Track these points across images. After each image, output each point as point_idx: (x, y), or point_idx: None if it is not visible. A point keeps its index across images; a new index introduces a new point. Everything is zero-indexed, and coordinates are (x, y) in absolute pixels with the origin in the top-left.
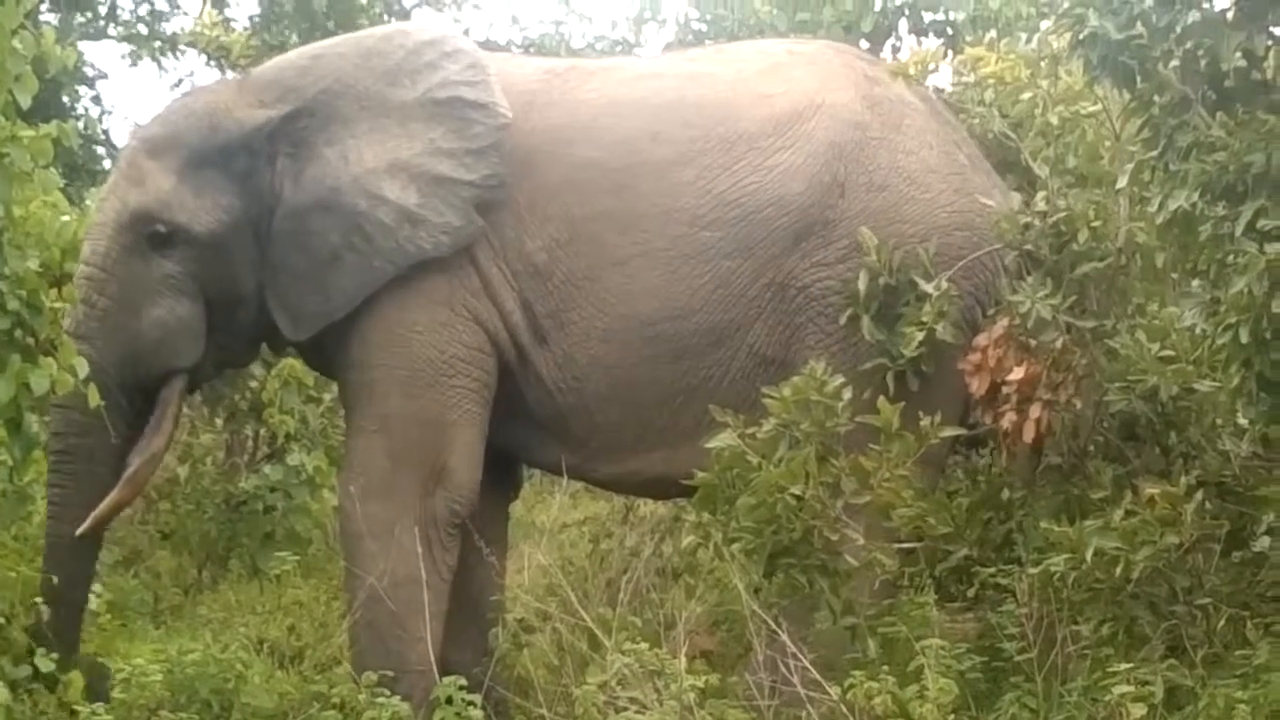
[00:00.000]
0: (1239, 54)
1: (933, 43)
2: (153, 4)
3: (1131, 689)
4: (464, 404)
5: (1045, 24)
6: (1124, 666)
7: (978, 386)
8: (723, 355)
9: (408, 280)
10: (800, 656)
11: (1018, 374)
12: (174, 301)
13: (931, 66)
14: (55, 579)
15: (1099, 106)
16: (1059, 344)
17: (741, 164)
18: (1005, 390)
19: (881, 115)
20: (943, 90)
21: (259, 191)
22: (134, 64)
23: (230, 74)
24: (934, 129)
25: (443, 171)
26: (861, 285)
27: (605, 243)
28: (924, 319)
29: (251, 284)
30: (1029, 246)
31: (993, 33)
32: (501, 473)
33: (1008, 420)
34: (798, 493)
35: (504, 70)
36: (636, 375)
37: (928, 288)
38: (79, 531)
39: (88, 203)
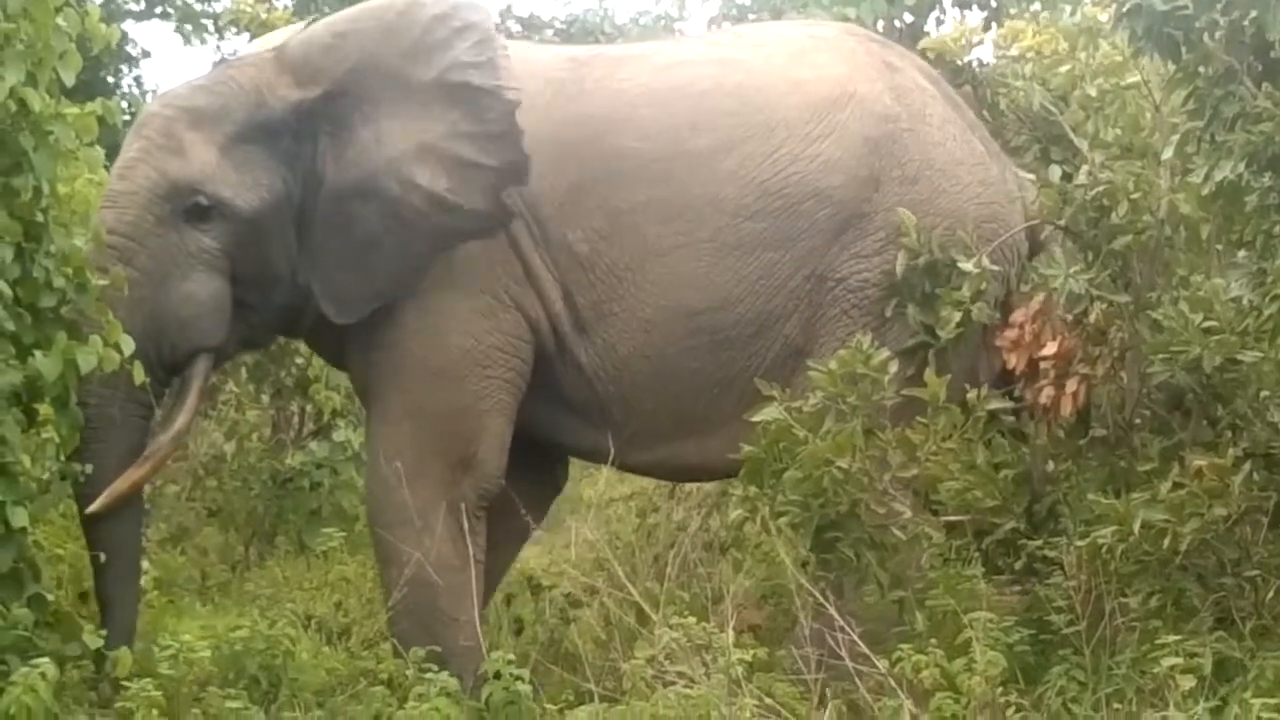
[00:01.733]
0: None
1: (975, 16)
2: None
3: (1180, 661)
4: (497, 394)
5: None
6: (1172, 639)
7: (1015, 362)
8: (761, 346)
9: (450, 266)
10: (849, 629)
11: (1051, 349)
12: (207, 277)
13: (975, 39)
14: (98, 555)
15: (1139, 78)
16: (1092, 318)
17: (782, 151)
18: (1043, 365)
19: (908, 106)
20: (985, 64)
21: (300, 172)
22: (186, 43)
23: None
24: (952, 117)
25: (466, 155)
26: (899, 267)
27: (647, 233)
28: (962, 299)
29: (285, 266)
30: (1062, 222)
31: (1035, 5)
32: (543, 469)
33: (1045, 395)
34: (844, 466)
35: (526, 57)
36: (677, 365)
37: (968, 265)
38: (91, 509)
39: None
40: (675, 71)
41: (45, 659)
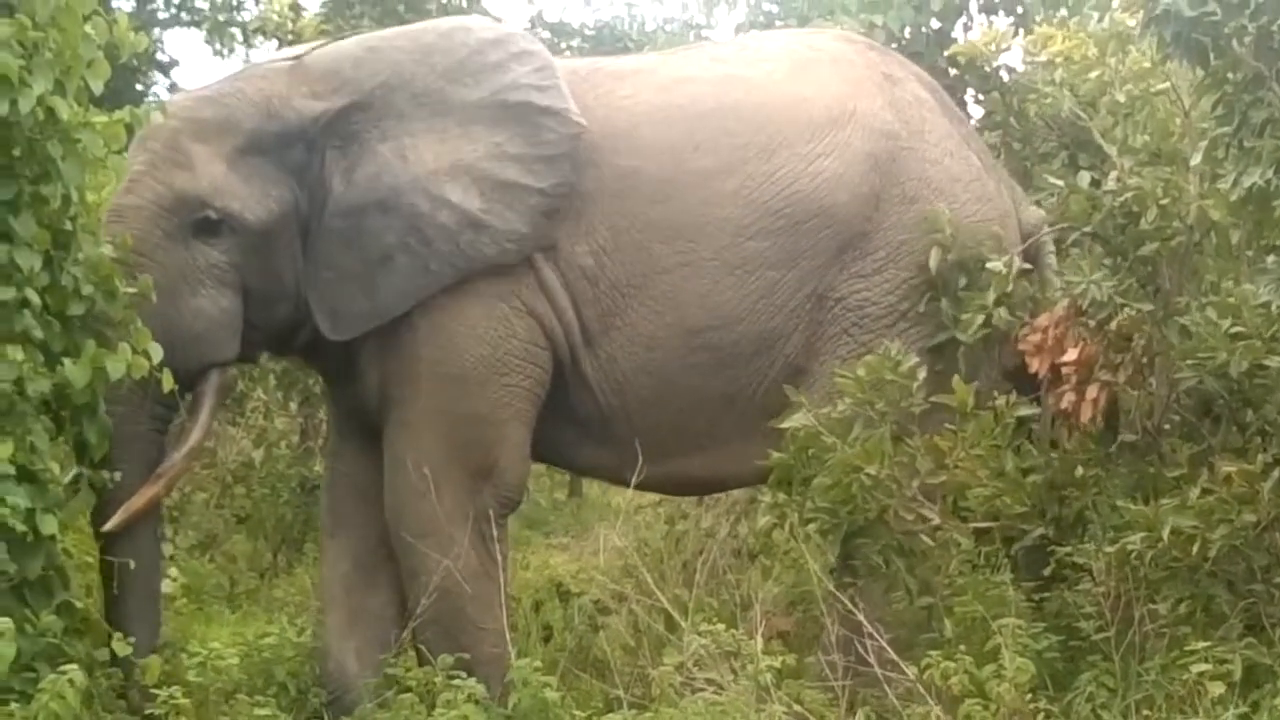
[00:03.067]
0: None
1: (1003, 21)
2: None
3: (1209, 667)
4: (516, 402)
5: (1116, 2)
6: (1202, 645)
7: (1038, 367)
8: (763, 364)
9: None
10: (877, 636)
11: (1072, 355)
12: (217, 292)
13: (1003, 46)
14: (123, 565)
15: (1168, 84)
16: (1113, 325)
17: (783, 171)
18: (1065, 371)
19: (907, 122)
20: (1013, 70)
21: (309, 184)
22: (216, 53)
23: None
24: (950, 131)
25: (509, 177)
26: (933, 261)
27: (651, 251)
28: (985, 302)
29: (291, 279)
30: (1088, 229)
31: (1063, 11)
32: None
33: (1067, 400)
34: (873, 473)
35: None
36: (679, 382)
37: (997, 264)
38: (107, 527)
39: None
40: (678, 90)
41: (73, 666)
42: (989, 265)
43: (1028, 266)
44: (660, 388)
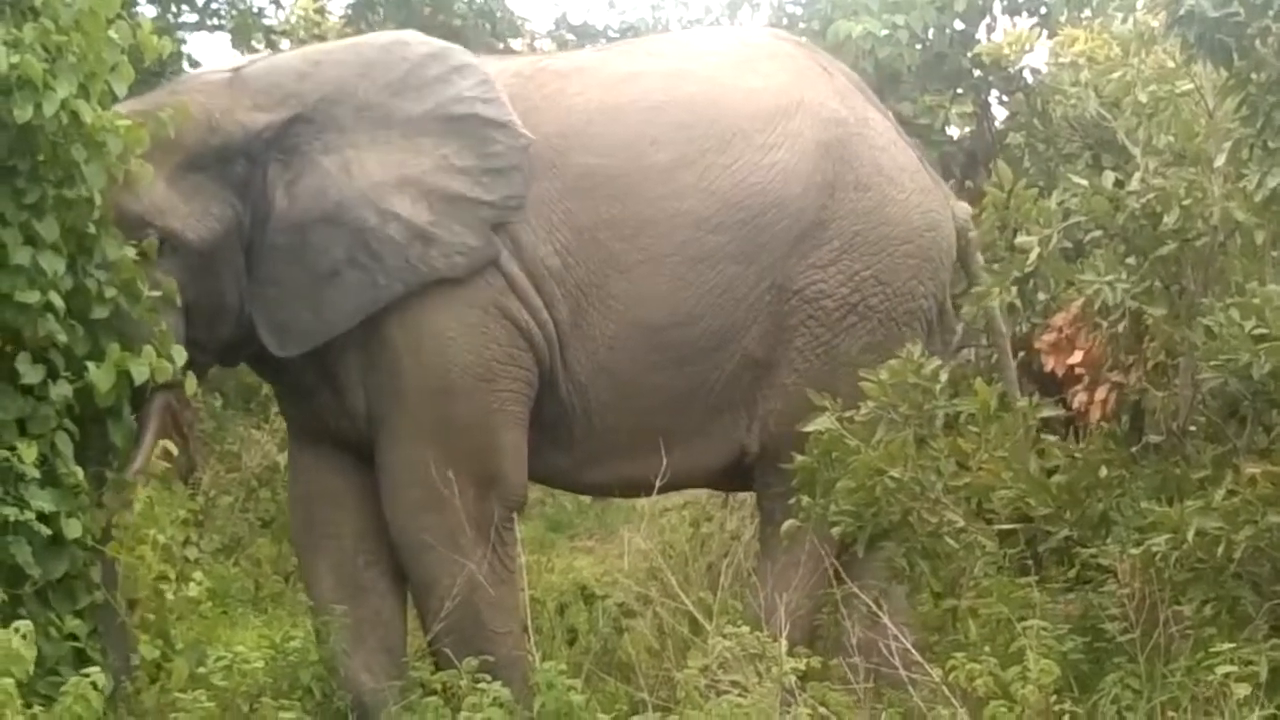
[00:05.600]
0: None
1: (1026, 22)
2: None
3: (1235, 669)
4: (507, 406)
5: (1140, 2)
6: (1227, 647)
7: (1053, 366)
8: (721, 358)
9: (428, 286)
10: (901, 638)
11: (1077, 356)
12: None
13: (1027, 47)
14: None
15: (1192, 85)
16: (1121, 328)
17: (740, 162)
18: (1077, 371)
19: (853, 109)
20: (1037, 71)
21: (251, 199)
22: (242, 57)
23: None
24: (886, 123)
25: (457, 189)
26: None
27: (611, 250)
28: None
29: (235, 296)
30: (1101, 228)
31: (1087, 12)
32: None
33: (1078, 401)
34: (896, 475)
35: None
36: (641, 381)
37: (1030, 240)
38: None
39: None
40: (627, 85)
41: (96, 668)
42: (1019, 241)
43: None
44: (620, 388)
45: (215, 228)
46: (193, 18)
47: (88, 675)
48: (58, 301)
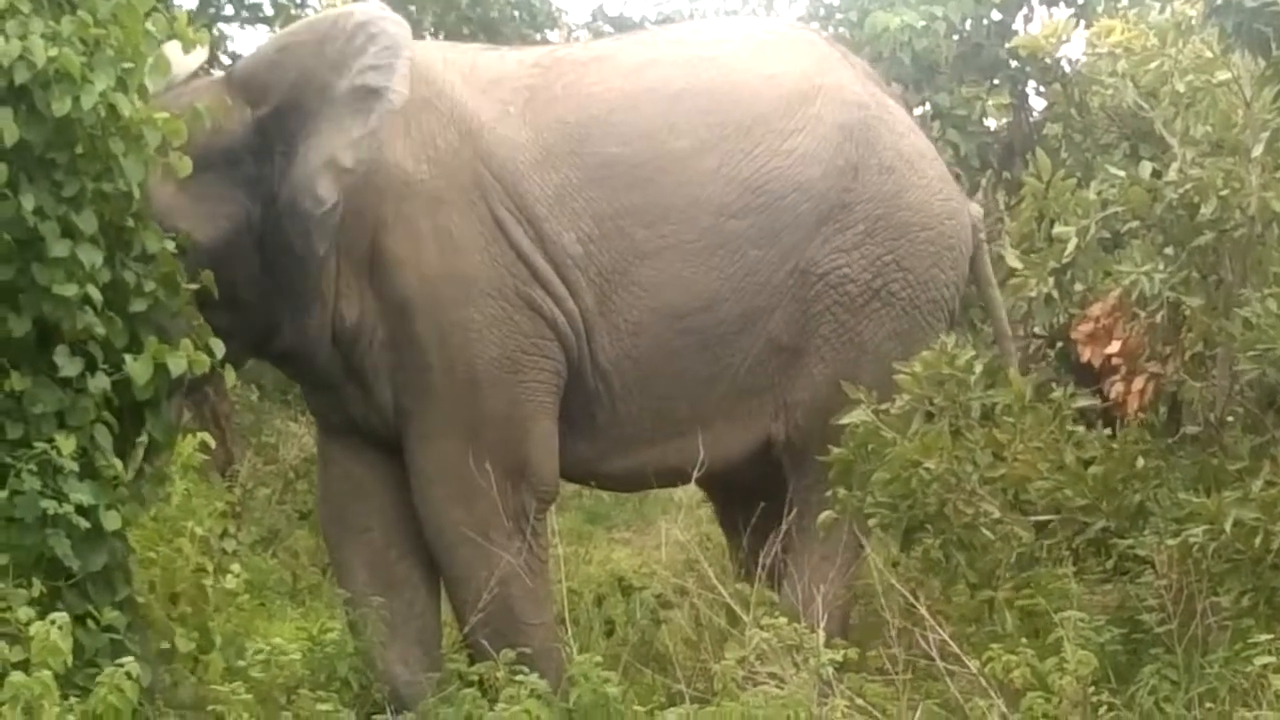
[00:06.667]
0: None
1: (1063, 13)
2: None
3: (1273, 660)
4: (535, 396)
5: None
6: (1265, 638)
7: (1090, 356)
8: (745, 343)
9: (455, 277)
10: (938, 629)
11: (1114, 346)
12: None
13: (1064, 37)
14: None
15: (1230, 75)
16: (1158, 318)
17: (761, 148)
18: (1114, 361)
19: (873, 94)
20: (1075, 61)
21: (261, 194)
22: None
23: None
24: (903, 111)
25: (346, 163)
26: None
27: (634, 237)
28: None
29: (250, 291)
30: (1139, 219)
31: (1124, 2)
32: None
33: (1115, 391)
34: (932, 467)
35: (483, 64)
36: (664, 367)
37: (1067, 230)
38: None
39: None
40: (647, 73)
41: (131, 659)
42: (1056, 231)
43: None
44: (645, 374)
45: (225, 226)
46: (230, 10)
47: (122, 665)
48: (96, 294)
